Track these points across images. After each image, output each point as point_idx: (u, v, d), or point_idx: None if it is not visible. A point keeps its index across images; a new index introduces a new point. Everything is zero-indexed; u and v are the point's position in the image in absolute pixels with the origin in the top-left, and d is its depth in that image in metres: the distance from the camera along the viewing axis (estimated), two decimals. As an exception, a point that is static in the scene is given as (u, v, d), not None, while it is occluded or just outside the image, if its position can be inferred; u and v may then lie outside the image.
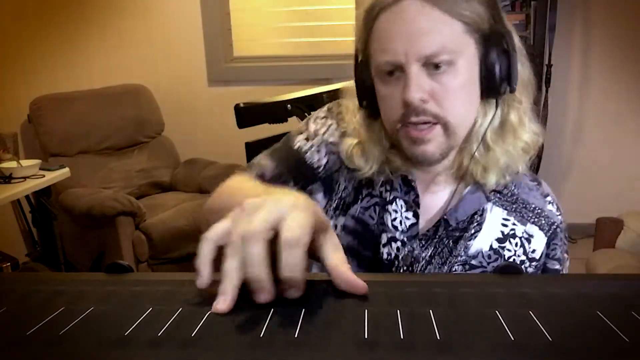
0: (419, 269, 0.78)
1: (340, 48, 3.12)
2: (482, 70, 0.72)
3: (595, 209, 2.55)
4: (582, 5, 2.89)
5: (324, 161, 0.82)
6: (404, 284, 0.44)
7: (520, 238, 0.79)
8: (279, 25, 3.21)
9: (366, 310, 0.39)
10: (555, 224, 0.81)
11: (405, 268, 0.78)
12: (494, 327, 0.36)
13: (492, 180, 0.77)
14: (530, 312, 0.38)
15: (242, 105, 1.98)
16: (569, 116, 3.06)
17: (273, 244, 0.41)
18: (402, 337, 0.35)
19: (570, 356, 0.33)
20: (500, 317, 0.38)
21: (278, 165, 0.83)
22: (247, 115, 2.00)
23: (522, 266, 0.79)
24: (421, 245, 0.78)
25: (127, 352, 0.34)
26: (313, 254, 0.44)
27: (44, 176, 2.34)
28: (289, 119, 2.09)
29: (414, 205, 0.78)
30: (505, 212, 0.80)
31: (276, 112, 2.06)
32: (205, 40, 3.13)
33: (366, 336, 0.35)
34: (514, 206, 0.80)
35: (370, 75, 0.76)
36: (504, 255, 0.79)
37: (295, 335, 0.36)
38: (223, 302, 0.40)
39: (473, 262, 0.78)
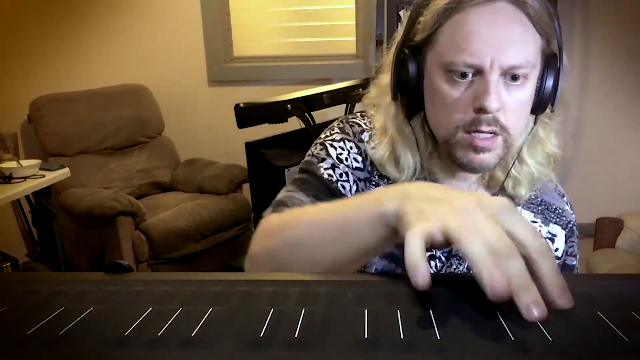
0: None
1: (340, 48, 3.12)
2: (538, 88, 0.70)
3: (595, 209, 2.55)
4: (582, 5, 2.89)
5: (354, 189, 0.79)
6: (404, 284, 0.44)
7: (545, 239, 0.79)
8: (279, 25, 3.21)
9: (366, 310, 0.39)
10: (572, 222, 0.85)
11: None
12: (494, 327, 0.36)
13: (523, 193, 0.78)
14: (530, 312, 0.38)
15: (242, 105, 1.98)
16: (569, 116, 3.06)
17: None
18: (402, 337, 0.35)
19: (570, 356, 0.33)
20: (500, 317, 0.38)
21: (315, 200, 0.76)
22: (247, 115, 2.00)
23: None
24: (458, 258, 0.77)
25: (127, 352, 0.34)
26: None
27: (44, 176, 2.34)
28: (289, 119, 2.09)
29: None
30: (532, 214, 0.82)
31: (276, 112, 2.07)
32: (205, 40, 3.13)
33: (366, 336, 0.35)
34: (539, 208, 0.83)
35: (421, 67, 0.71)
36: None
37: (295, 335, 0.36)
38: (539, 307, 0.36)
39: None
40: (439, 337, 0.35)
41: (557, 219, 0.83)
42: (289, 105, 2.05)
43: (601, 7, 2.88)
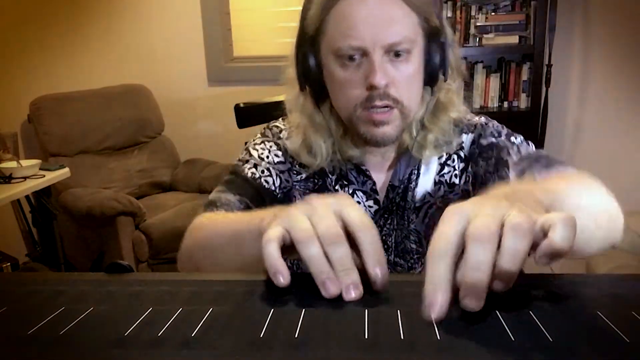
0: (390, 239, 0.86)
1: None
2: (425, 61, 0.78)
3: (595, 209, 2.54)
4: (582, 5, 2.89)
5: (277, 182, 0.87)
6: (404, 284, 0.44)
7: (454, 154, 0.86)
8: (279, 25, 3.21)
9: (366, 310, 0.39)
10: (479, 122, 0.86)
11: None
12: (494, 327, 0.36)
13: (428, 155, 0.84)
14: (530, 312, 0.39)
15: (242, 105, 1.98)
16: (569, 116, 3.06)
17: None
18: (402, 337, 0.35)
19: (570, 356, 0.33)
20: (501, 317, 0.38)
21: (241, 197, 0.83)
22: (247, 115, 2.00)
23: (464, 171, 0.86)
24: (385, 218, 0.86)
25: (127, 352, 0.34)
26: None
27: (44, 176, 2.34)
28: (289, 119, 2.09)
29: (372, 194, 0.85)
30: (436, 150, 0.85)
31: (276, 112, 2.06)
32: (205, 40, 3.13)
33: (366, 336, 0.35)
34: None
35: (318, 57, 0.79)
36: (446, 180, 0.86)
37: (295, 335, 0.36)
38: (357, 289, 0.42)
39: (422, 204, 0.86)
40: (439, 337, 0.35)
41: (461, 129, 0.86)
42: (289, 105, 2.04)
43: (602, 6, 2.88)
